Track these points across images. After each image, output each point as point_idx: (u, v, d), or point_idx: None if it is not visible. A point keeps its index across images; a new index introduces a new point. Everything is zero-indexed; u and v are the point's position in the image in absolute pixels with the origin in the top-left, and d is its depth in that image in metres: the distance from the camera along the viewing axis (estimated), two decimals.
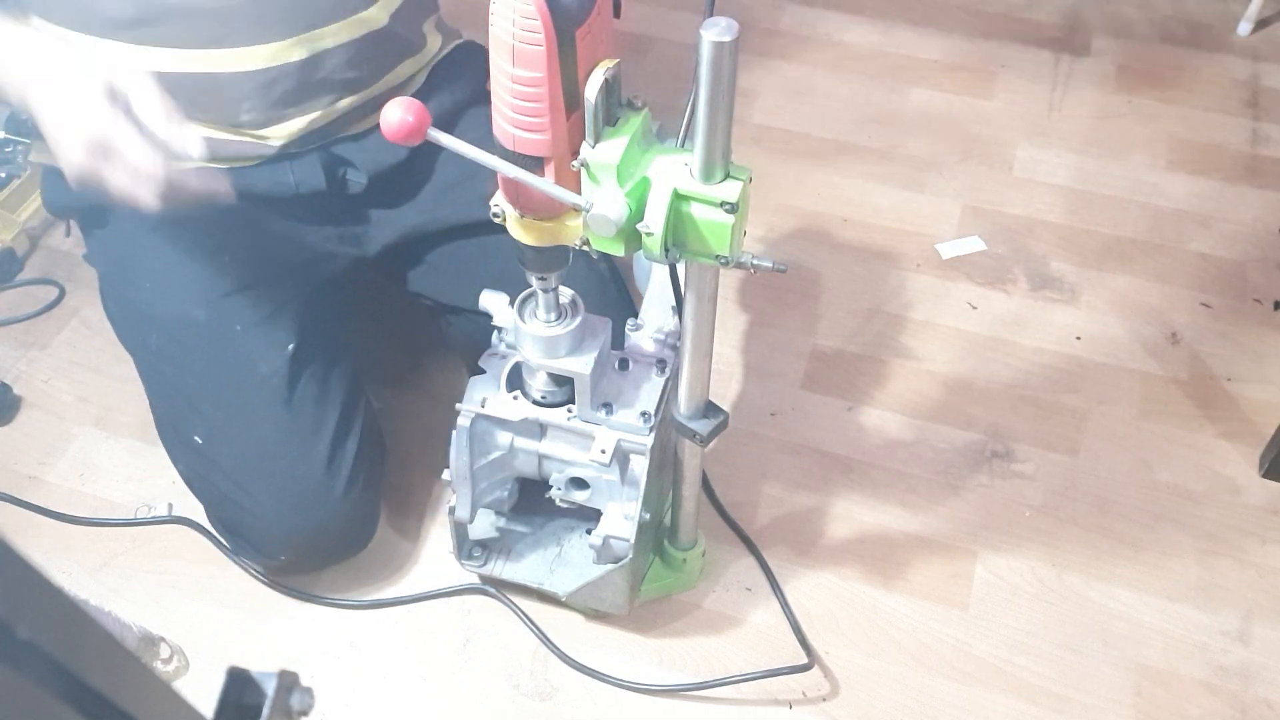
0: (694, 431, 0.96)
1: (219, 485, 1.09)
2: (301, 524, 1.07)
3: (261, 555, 1.12)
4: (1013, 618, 1.16)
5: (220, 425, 1.08)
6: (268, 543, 1.10)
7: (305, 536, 1.08)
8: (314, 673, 1.12)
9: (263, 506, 1.07)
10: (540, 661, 1.12)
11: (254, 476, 1.07)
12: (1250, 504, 1.26)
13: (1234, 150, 1.66)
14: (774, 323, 1.43)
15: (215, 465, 1.08)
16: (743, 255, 0.82)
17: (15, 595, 0.29)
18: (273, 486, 1.07)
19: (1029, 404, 1.34)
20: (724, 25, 0.71)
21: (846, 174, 1.61)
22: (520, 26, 0.73)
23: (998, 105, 1.72)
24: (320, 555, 1.14)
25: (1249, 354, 1.40)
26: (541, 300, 0.94)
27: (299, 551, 1.10)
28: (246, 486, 1.07)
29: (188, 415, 1.09)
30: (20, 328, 1.40)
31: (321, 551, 1.13)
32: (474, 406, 1.00)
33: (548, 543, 1.15)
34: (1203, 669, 1.13)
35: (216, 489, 1.10)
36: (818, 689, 1.11)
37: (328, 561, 1.16)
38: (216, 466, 1.08)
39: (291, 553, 1.10)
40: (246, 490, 1.07)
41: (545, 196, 0.80)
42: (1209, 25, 1.87)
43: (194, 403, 1.09)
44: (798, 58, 1.79)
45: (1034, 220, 1.55)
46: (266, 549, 1.11)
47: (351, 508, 1.10)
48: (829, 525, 1.23)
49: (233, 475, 1.07)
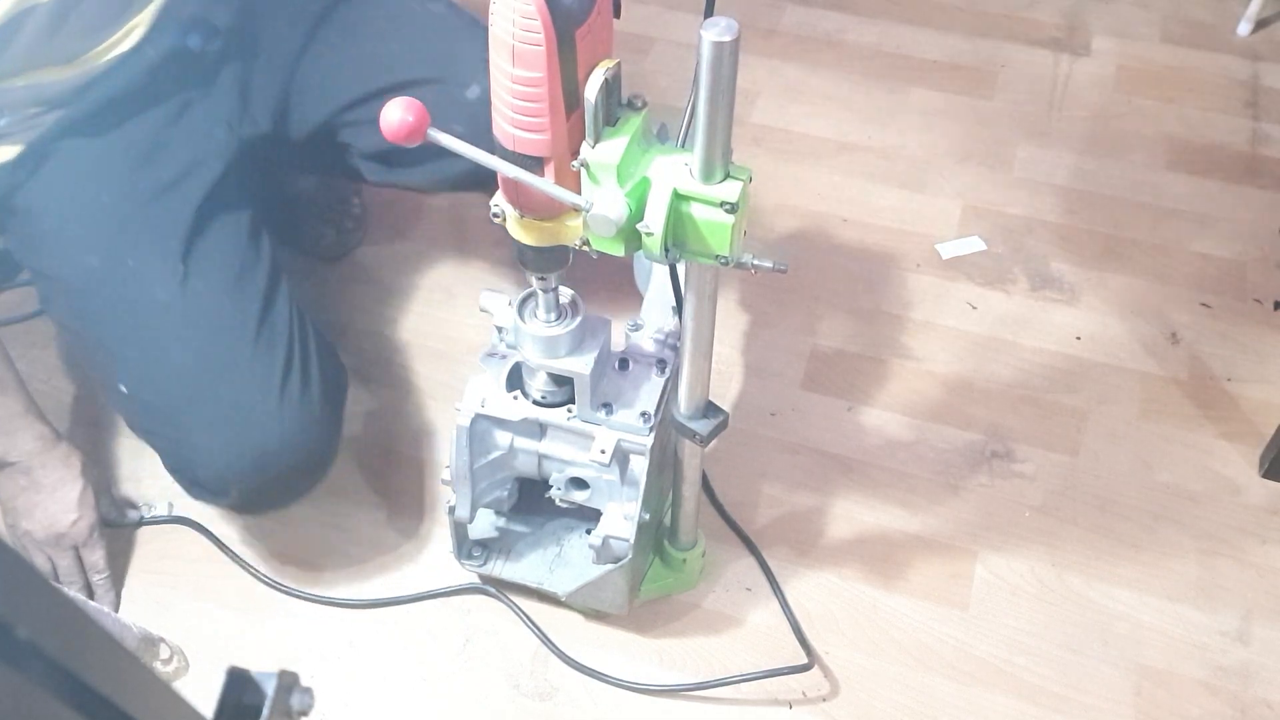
0: (694, 431, 0.96)
1: (156, 429, 1.05)
2: (241, 451, 1.01)
3: (213, 495, 1.08)
4: (1013, 618, 1.16)
5: (137, 366, 1.03)
6: (214, 480, 1.04)
7: (248, 464, 1.02)
8: (314, 673, 1.12)
9: (199, 438, 1.02)
10: (540, 661, 1.12)
11: (183, 409, 1.02)
12: (1250, 504, 1.26)
13: (1234, 150, 1.66)
14: (774, 323, 1.43)
15: (147, 408, 1.04)
16: (743, 255, 0.82)
17: (15, 595, 0.29)
18: (203, 415, 1.01)
19: (1029, 404, 1.34)
20: (724, 25, 0.71)
21: (846, 174, 1.61)
22: (520, 26, 0.73)
23: (998, 105, 1.72)
24: (271, 484, 1.06)
25: (1249, 354, 1.40)
26: (541, 300, 0.94)
27: (245, 481, 1.04)
28: (178, 421, 1.02)
29: (109, 366, 1.06)
30: (20, 328, 1.40)
31: (270, 479, 1.05)
32: (474, 406, 1.00)
33: (548, 543, 1.15)
34: (1203, 669, 1.13)
35: (156, 433, 1.06)
36: (818, 689, 1.11)
37: (283, 492, 1.09)
38: (149, 409, 1.04)
39: (239, 484, 1.04)
40: (179, 425, 1.02)
41: (545, 196, 0.80)
42: (1209, 25, 1.87)
43: (110, 350, 1.05)
44: (798, 58, 1.79)
45: (1034, 220, 1.55)
46: (214, 486, 1.06)
47: (294, 427, 1.02)
48: (829, 525, 1.23)
49: (163, 414, 1.03)
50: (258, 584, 1.18)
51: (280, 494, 1.11)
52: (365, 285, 1.46)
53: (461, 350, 1.39)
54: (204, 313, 1.03)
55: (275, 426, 1.02)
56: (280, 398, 1.02)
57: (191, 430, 1.02)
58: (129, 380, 1.04)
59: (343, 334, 1.40)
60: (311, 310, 1.42)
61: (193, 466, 1.05)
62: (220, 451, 1.02)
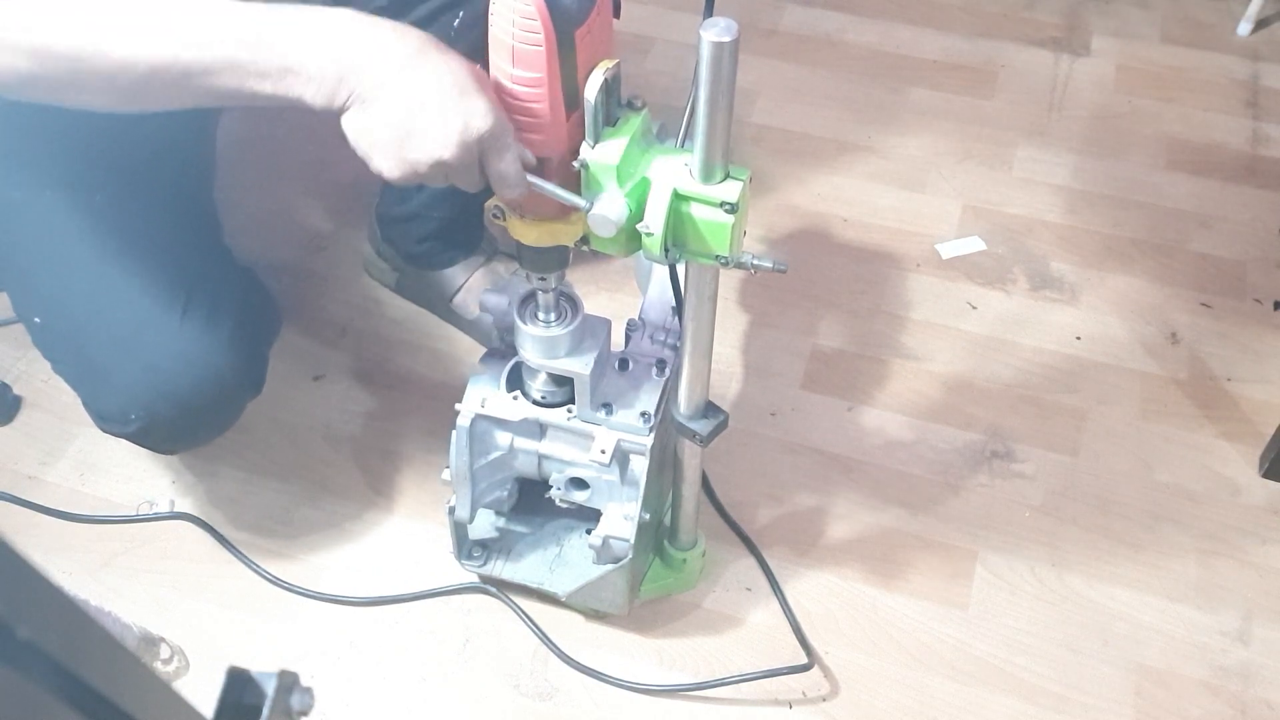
0: (694, 431, 0.96)
1: (65, 357, 1.04)
2: (139, 370, 0.99)
3: (117, 424, 1.04)
4: (1013, 618, 1.16)
5: (49, 293, 1.03)
6: (115, 407, 1.02)
7: (145, 385, 1.00)
8: (314, 673, 1.12)
9: (100, 358, 1.00)
10: (540, 661, 1.12)
11: (86, 330, 1.01)
12: (1250, 504, 1.26)
13: (1234, 150, 1.66)
14: (774, 323, 1.43)
15: (57, 336, 1.03)
16: (743, 255, 0.82)
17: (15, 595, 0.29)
18: (104, 335, 1.00)
19: (1029, 404, 1.34)
20: (724, 25, 0.71)
21: (846, 174, 1.61)
22: (520, 27, 0.73)
23: (998, 105, 1.72)
24: (171, 411, 1.01)
25: (1249, 354, 1.40)
26: (541, 300, 0.94)
27: (145, 405, 1.00)
28: (81, 345, 1.01)
29: (28, 300, 1.05)
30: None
31: (170, 404, 1.01)
32: (474, 406, 1.00)
33: (548, 543, 1.15)
34: (1203, 669, 1.13)
35: (65, 362, 1.05)
36: (818, 689, 1.11)
37: (188, 425, 1.05)
38: (59, 337, 1.03)
39: (138, 409, 1.01)
40: (83, 349, 1.01)
41: (545, 196, 0.80)
42: (1209, 25, 1.87)
43: (27, 283, 1.04)
44: (798, 58, 1.79)
45: (1034, 220, 1.55)
46: (116, 414, 1.02)
47: (195, 348, 1.00)
48: (829, 525, 1.23)
49: (70, 339, 1.02)
50: (258, 584, 1.18)
51: (185, 427, 1.05)
52: (365, 285, 1.46)
53: (461, 350, 1.39)
54: (116, 237, 1.01)
55: (173, 345, 0.99)
56: (182, 316, 0.99)
57: (94, 353, 1.01)
58: (42, 310, 1.03)
59: (343, 334, 1.40)
60: (311, 310, 1.42)
61: (96, 394, 1.03)
62: (119, 371, 1.00)
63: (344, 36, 0.76)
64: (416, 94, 0.75)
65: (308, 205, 1.56)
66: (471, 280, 1.36)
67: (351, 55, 0.75)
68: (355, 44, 0.76)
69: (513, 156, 0.77)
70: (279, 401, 1.32)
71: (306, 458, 1.28)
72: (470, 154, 0.76)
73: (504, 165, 0.77)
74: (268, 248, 1.49)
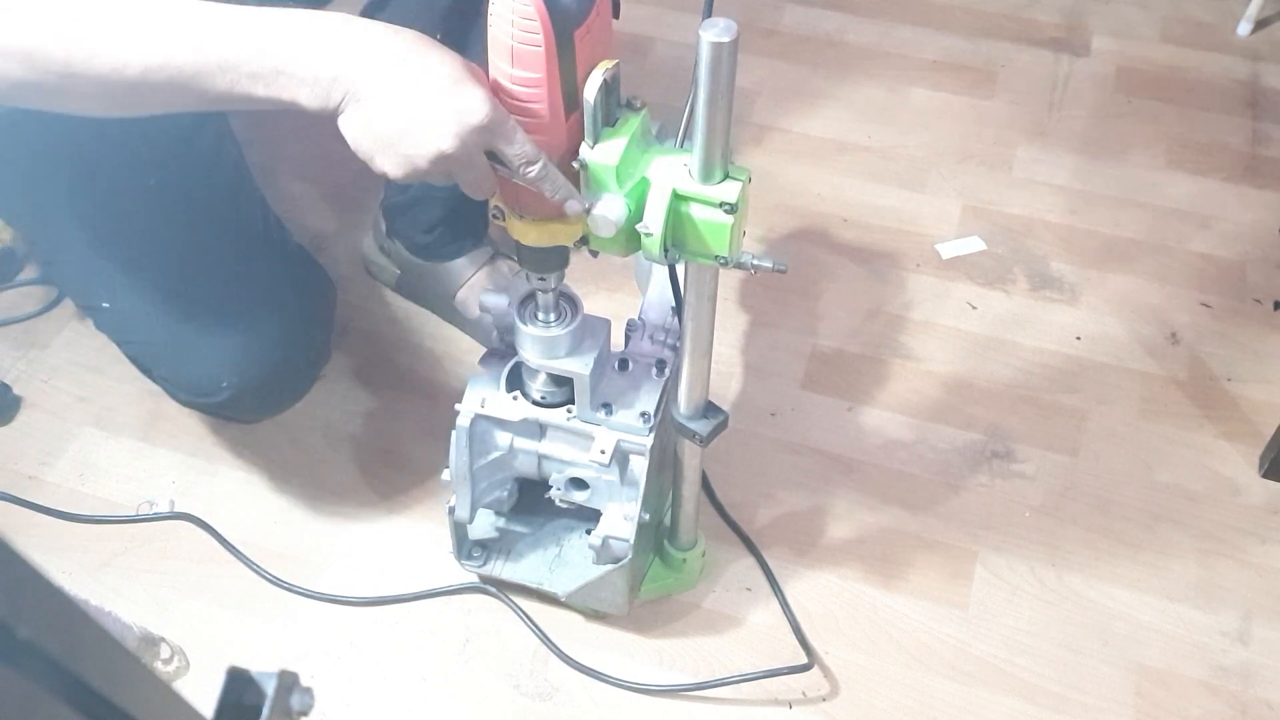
0: (694, 431, 0.96)
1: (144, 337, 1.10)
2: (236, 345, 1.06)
3: (204, 395, 1.10)
4: (1013, 618, 1.16)
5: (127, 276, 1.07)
6: (205, 377, 1.08)
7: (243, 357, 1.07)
8: (314, 673, 1.12)
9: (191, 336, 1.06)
10: (540, 661, 1.12)
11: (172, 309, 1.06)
12: (1250, 504, 1.26)
13: (1234, 150, 1.66)
14: (774, 323, 1.43)
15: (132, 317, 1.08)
16: (742, 255, 0.82)
17: (15, 595, 0.29)
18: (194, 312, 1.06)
19: (1029, 404, 1.34)
20: (723, 25, 0.71)
21: (846, 174, 1.61)
22: (519, 28, 0.73)
23: (998, 105, 1.72)
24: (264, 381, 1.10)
25: (1249, 354, 1.40)
26: (541, 301, 0.94)
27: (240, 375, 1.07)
28: (166, 323, 1.07)
29: (92, 286, 1.10)
30: (20, 328, 1.40)
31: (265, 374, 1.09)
32: (474, 406, 1.00)
33: (547, 543, 1.15)
34: (1203, 669, 1.13)
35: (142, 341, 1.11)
36: (818, 689, 1.11)
37: (274, 392, 1.14)
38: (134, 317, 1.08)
39: (231, 379, 1.07)
40: (168, 327, 1.07)
41: (545, 196, 0.80)
42: (1209, 25, 1.87)
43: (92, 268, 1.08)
44: (798, 58, 1.79)
45: (1034, 220, 1.55)
46: (205, 385, 1.08)
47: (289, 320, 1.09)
48: (829, 525, 1.23)
49: (150, 318, 1.07)
50: (258, 584, 1.18)
51: (273, 392, 1.13)
52: (365, 285, 1.46)
53: (461, 350, 1.39)
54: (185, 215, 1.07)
55: (269, 315, 1.07)
56: (272, 285, 1.08)
57: (181, 328, 1.06)
58: (109, 294, 1.08)
59: (343, 334, 1.40)
60: None
61: (183, 366, 1.09)
62: (210, 344, 1.06)
63: (335, 38, 0.76)
64: (410, 90, 0.75)
65: (308, 205, 1.56)
66: (476, 277, 1.37)
67: (344, 56, 0.76)
68: (347, 45, 0.76)
69: (523, 136, 0.77)
70: None
71: (306, 458, 1.28)
72: (470, 146, 0.76)
73: (516, 147, 0.77)
74: None
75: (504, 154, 0.77)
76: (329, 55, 0.76)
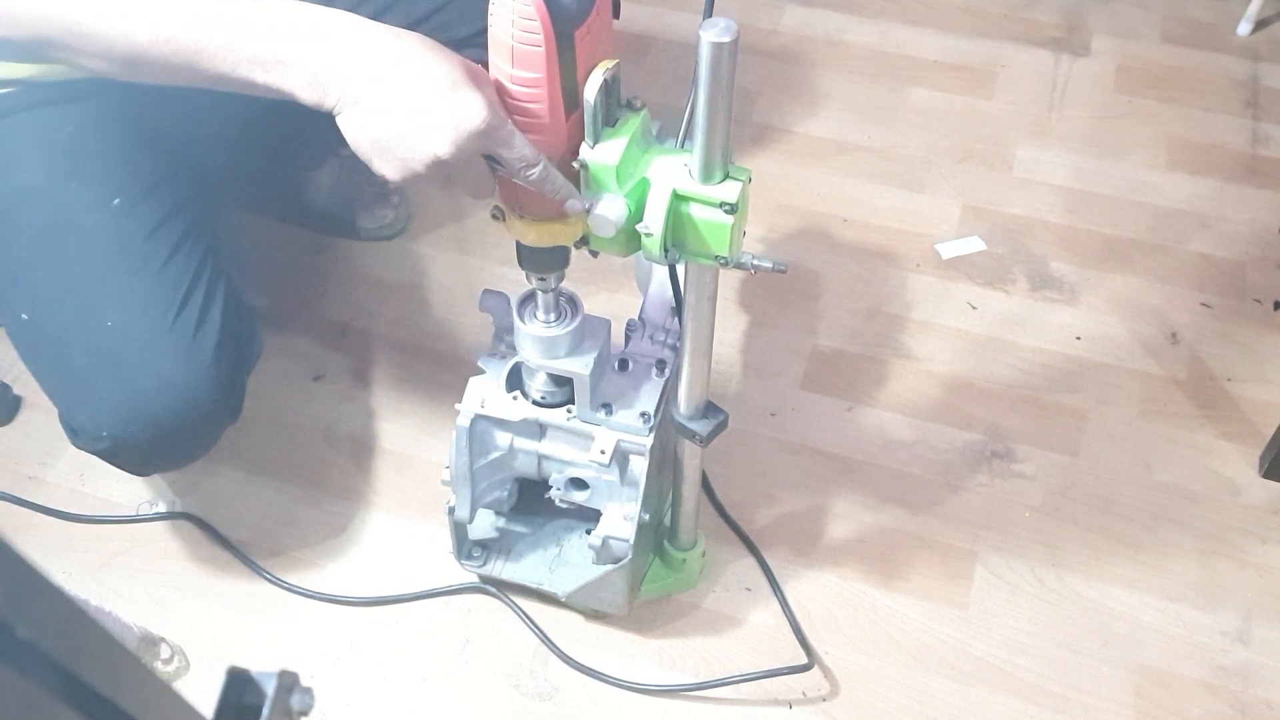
0: (694, 431, 0.96)
1: (45, 361, 1.01)
2: (116, 385, 0.97)
3: (90, 440, 1.00)
4: (1013, 618, 1.16)
5: (41, 289, 0.99)
6: (90, 422, 0.99)
7: (121, 402, 0.97)
8: (314, 673, 1.12)
9: (79, 366, 0.97)
10: (540, 661, 1.12)
11: (70, 335, 0.98)
12: (1250, 504, 1.26)
13: (1234, 150, 1.66)
14: (774, 323, 1.43)
15: (41, 337, 1.00)
16: (742, 255, 0.82)
17: (15, 595, 0.29)
18: (87, 343, 0.97)
19: (1029, 404, 1.34)
20: (723, 25, 0.71)
21: (846, 174, 1.61)
22: (519, 27, 0.73)
23: (998, 105, 1.72)
24: (146, 431, 0.99)
25: (1249, 354, 1.40)
26: (541, 301, 0.94)
27: (120, 423, 0.98)
28: (63, 350, 0.98)
29: (13, 291, 1.01)
30: None
31: (146, 424, 0.98)
32: (474, 406, 1.00)
33: (547, 543, 1.15)
34: (1203, 669, 1.13)
35: (44, 367, 1.01)
36: (818, 689, 1.11)
37: (161, 447, 1.02)
38: (42, 338, 1.00)
39: (111, 427, 0.98)
40: (64, 355, 0.98)
41: (545, 197, 0.80)
42: (1209, 25, 1.87)
43: (21, 275, 1.00)
44: (798, 58, 1.79)
45: (1034, 220, 1.55)
46: (90, 430, 0.99)
47: (176, 369, 0.97)
48: (829, 525, 1.23)
49: (53, 341, 0.99)
50: (258, 584, 1.18)
51: (158, 450, 1.03)
52: (365, 285, 1.46)
53: (461, 350, 1.39)
54: (119, 245, 0.99)
55: (154, 364, 0.97)
56: (168, 334, 0.97)
57: (75, 362, 0.98)
58: (30, 306, 1.00)
59: (343, 334, 1.40)
60: (311, 310, 1.42)
61: (72, 407, 1.01)
62: (97, 385, 0.97)
63: (335, 36, 0.77)
64: (408, 92, 0.75)
65: None
66: None
67: (343, 55, 0.76)
68: (345, 45, 0.77)
69: (521, 140, 0.77)
70: (279, 401, 1.32)
71: (306, 458, 1.28)
72: (467, 151, 0.76)
73: (515, 151, 0.76)
74: (268, 248, 1.49)
75: (503, 158, 0.77)
76: (329, 53, 0.76)
